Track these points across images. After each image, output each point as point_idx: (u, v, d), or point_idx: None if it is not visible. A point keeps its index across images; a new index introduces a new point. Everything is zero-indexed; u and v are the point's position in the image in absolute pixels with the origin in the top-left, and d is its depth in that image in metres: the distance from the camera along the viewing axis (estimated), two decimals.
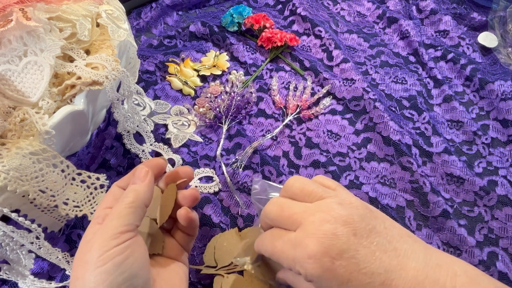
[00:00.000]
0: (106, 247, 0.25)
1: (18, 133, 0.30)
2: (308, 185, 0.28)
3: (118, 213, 0.27)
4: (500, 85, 0.49)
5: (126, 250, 0.26)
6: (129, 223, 0.27)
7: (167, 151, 0.44)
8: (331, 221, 0.25)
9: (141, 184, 0.29)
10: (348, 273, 0.24)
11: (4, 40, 0.31)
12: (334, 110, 0.50)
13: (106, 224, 0.27)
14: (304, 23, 0.59)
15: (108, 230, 0.26)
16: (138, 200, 0.28)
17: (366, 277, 0.24)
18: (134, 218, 0.27)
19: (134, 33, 0.59)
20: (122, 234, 0.26)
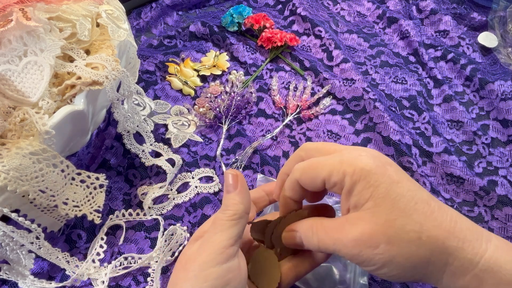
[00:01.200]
0: (211, 262, 0.25)
1: (18, 133, 0.30)
2: (325, 143, 0.28)
3: (221, 226, 0.26)
4: (500, 85, 0.49)
5: (227, 274, 0.25)
6: (233, 236, 0.26)
7: (167, 151, 0.44)
8: (366, 150, 0.25)
9: (236, 192, 0.28)
10: (398, 176, 0.23)
11: (4, 40, 0.31)
12: (334, 110, 0.50)
13: (210, 237, 0.26)
14: (304, 23, 0.59)
15: (213, 244, 0.25)
16: (239, 211, 0.27)
17: (414, 185, 0.24)
18: (237, 230, 0.26)
19: (134, 33, 0.59)
20: (227, 249, 0.25)
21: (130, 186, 0.44)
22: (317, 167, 0.26)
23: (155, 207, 0.42)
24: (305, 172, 0.26)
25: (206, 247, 0.26)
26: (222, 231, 0.26)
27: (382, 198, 0.23)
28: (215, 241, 0.26)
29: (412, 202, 0.23)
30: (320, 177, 0.25)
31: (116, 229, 0.41)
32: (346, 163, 0.24)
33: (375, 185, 0.23)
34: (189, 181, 0.44)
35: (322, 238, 0.25)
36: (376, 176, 0.23)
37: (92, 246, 0.39)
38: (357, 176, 0.23)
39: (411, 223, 0.22)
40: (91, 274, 0.37)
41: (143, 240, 0.40)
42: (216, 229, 0.26)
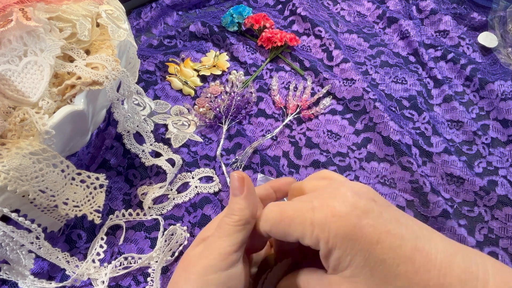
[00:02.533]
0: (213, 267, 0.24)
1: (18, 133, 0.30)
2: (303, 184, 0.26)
3: (226, 231, 0.25)
4: (500, 85, 0.49)
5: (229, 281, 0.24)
6: (237, 242, 0.25)
7: (167, 151, 0.44)
8: (349, 188, 0.23)
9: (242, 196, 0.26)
10: (377, 233, 0.21)
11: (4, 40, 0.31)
12: (334, 110, 0.50)
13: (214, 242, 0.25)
14: (304, 23, 0.59)
15: (217, 249, 0.25)
16: (245, 217, 0.26)
17: (396, 239, 0.21)
18: (242, 236, 0.25)
19: (134, 33, 0.59)
20: (230, 255, 0.24)
21: (130, 186, 0.44)
22: (289, 225, 0.23)
23: (155, 207, 0.42)
24: (275, 227, 0.24)
25: (210, 251, 0.25)
26: (227, 236, 0.25)
27: (360, 268, 0.21)
28: (219, 246, 0.25)
29: (393, 265, 0.21)
30: (293, 236, 0.23)
31: (116, 229, 0.41)
32: (318, 226, 0.22)
33: (352, 254, 0.21)
34: (189, 181, 0.44)
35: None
36: (351, 242, 0.21)
37: (92, 246, 0.39)
38: (332, 244, 0.22)
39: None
40: (91, 274, 0.37)
41: (143, 240, 0.40)
42: (220, 234, 0.25)
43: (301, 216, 0.23)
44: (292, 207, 0.24)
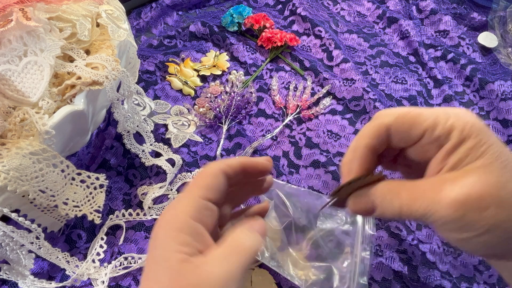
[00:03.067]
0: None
1: (18, 133, 0.30)
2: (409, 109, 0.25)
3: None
4: (500, 85, 0.49)
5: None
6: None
7: (167, 151, 0.44)
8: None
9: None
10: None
11: (4, 40, 0.31)
12: (334, 110, 0.50)
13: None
14: (304, 23, 0.59)
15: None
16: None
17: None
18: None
19: (134, 33, 0.59)
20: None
21: (130, 186, 0.44)
22: (418, 115, 0.23)
23: (155, 207, 0.42)
24: (402, 117, 0.23)
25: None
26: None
27: (495, 158, 0.21)
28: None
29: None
30: (422, 126, 0.22)
31: (116, 229, 0.41)
32: (454, 116, 0.22)
33: (489, 144, 0.21)
34: (189, 181, 0.44)
35: (408, 200, 0.22)
36: (488, 133, 0.21)
37: (92, 246, 0.39)
38: (467, 132, 0.21)
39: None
40: (91, 274, 0.37)
41: (143, 240, 0.40)
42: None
43: (431, 109, 0.22)
44: (417, 109, 0.23)
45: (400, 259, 0.38)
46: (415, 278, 0.37)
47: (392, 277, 0.37)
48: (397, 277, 0.37)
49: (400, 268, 0.38)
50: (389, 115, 0.24)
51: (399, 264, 0.38)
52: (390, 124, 0.24)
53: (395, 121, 0.23)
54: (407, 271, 0.37)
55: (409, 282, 0.37)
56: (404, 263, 0.38)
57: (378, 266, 0.38)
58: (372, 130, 0.24)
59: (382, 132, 0.24)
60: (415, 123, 0.23)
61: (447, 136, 0.22)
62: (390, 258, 0.38)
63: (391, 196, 0.23)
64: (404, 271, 0.37)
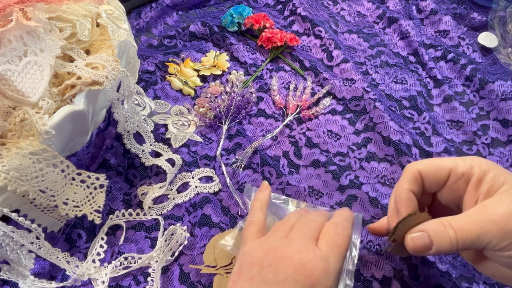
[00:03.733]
0: None
1: (18, 133, 0.30)
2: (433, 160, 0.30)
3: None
4: (500, 85, 0.49)
5: None
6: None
7: (167, 151, 0.44)
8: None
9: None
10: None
11: (4, 40, 0.31)
12: (334, 110, 0.50)
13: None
14: (304, 23, 0.59)
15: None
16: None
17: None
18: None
19: (134, 33, 0.59)
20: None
21: (130, 186, 0.44)
22: (441, 160, 0.28)
23: (155, 207, 0.42)
24: (429, 163, 0.28)
25: None
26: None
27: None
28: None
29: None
30: (446, 168, 0.27)
31: (116, 229, 0.41)
32: (468, 158, 0.27)
33: (504, 173, 0.26)
34: (189, 181, 0.44)
35: (461, 227, 0.25)
36: (497, 166, 0.26)
37: (92, 246, 0.39)
38: (485, 166, 0.26)
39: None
40: (91, 274, 0.37)
41: (143, 240, 0.40)
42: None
43: (450, 158, 0.28)
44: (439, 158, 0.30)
45: (400, 258, 0.38)
46: (416, 277, 0.37)
47: (393, 276, 0.37)
48: (398, 275, 0.37)
49: (400, 267, 0.38)
50: (418, 163, 0.29)
51: (399, 263, 0.38)
52: (420, 169, 0.29)
53: (424, 167, 0.29)
54: (407, 270, 0.37)
55: (410, 281, 0.37)
56: (404, 262, 0.38)
57: (379, 265, 0.38)
58: (408, 176, 0.29)
59: (417, 176, 0.29)
60: (440, 166, 0.28)
61: (470, 172, 0.26)
62: (390, 257, 0.38)
63: (444, 227, 0.26)
64: (404, 270, 0.37)
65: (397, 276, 0.37)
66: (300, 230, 0.30)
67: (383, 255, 0.38)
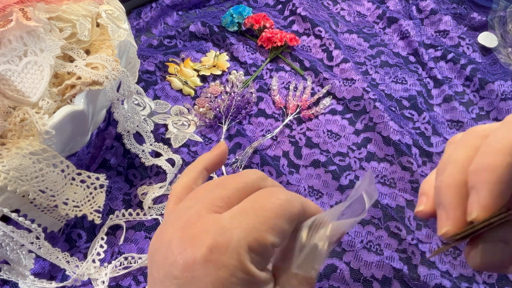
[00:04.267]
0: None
1: (18, 133, 0.30)
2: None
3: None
4: (500, 85, 0.49)
5: None
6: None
7: (167, 151, 0.44)
8: None
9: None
10: None
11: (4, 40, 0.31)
12: (334, 110, 0.50)
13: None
14: (304, 23, 0.59)
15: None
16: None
17: None
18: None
19: (134, 33, 0.59)
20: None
21: (130, 186, 0.44)
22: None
23: (155, 207, 0.42)
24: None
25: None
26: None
27: None
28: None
29: None
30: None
31: (116, 229, 0.41)
32: None
33: None
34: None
35: None
36: None
37: (92, 246, 0.39)
38: None
39: None
40: (91, 274, 0.37)
41: (143, 240, 0.40)
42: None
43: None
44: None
45: (400, 258, 0.38)
46: (416, 277, 0.37)
47: (393, 276, 0.37)
48: (398, 275, 0.37)
49: (400, 266, 0.38)
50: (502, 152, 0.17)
51: (399, 263, 0.38)
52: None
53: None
54: (407, 270, 0.37)
55: (410, 281, 0.37)
56: (404, 263, 0.38)
57: (379, 265, 0.38)
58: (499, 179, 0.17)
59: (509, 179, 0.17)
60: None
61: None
62: (390, 257, 0.38)
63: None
64: (404, 270, 0.37)
65: (397, 276, 0.37)
66: (201, 196, 0.20)
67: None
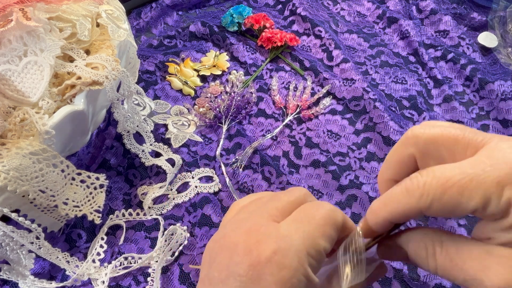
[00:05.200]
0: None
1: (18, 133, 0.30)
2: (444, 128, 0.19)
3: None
4: (500, 85, 0.49)
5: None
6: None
7: (167, 151, 0.44)
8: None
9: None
10: None
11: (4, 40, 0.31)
12: (334, 110, 0.50)
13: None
14: (304, 23, 0.59)
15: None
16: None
17: None
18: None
19: (134, 33, 0.59)
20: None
21: (130, 186, 0.44)
22: (460, 192, 0.17)
23: (155, 207, 0.42)
24: (439, 201, 0.18)
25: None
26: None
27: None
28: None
29: None
30: (469, 206, 0.17)
31: (116, 229, 0.41)
32: (506, 182, 0.16)
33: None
34: (189, 181, 0.44)
35: (446, 267, 0.19)
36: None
37: (92, 246, 0.39)
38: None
39: None
40: (91, 274, 0.37)
41: (143, 240, 0.40)
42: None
43: (477, 178, 0.17)
44: (454, 170, 0.17)
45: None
46: (416, 277, 0.37)
47: (393, 276, 0.37)
48: (398, 275, 0.37)
49: (400, 266, 0.38)
50: (424, 196, 0.18)
51: (399, 263, 0.38)
52: (427, 207, 0.18)
53: (431, 203, 0.18)
54: (407, 270, 0.37)
55: (410, 281, 0.37)
56: (404, 263, 0.38)
57: None
58: (401, 210, 0.20)
59: (415, 214, 0.19)
60: (457, 205, 0.17)
61: (506, 212, 0.17)
62: None
63: (426, 255, 0.20)
64: (404, 270, 0.37)
65: (397, 276, 0.37)
66: (259, 208, 0.22)
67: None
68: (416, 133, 0.20)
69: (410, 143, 0.20)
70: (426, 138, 0.19)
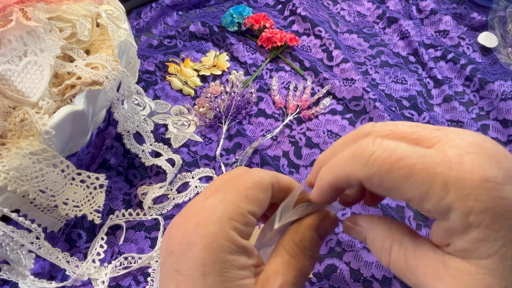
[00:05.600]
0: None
1: (18, 133, 0.30)
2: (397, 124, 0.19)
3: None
4: (500, 85, 0.49)
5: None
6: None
7: (167, 151, 0.44)
8: (480, 138, 0.17)
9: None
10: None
11: (4, 40, 0.31)
12: (334, 110, 0.50)
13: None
14: (304, 23, 0.59)
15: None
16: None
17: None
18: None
19: (134, 33, 0.59)
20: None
21: (130, 186, 0.44)
22: (406, 177, 0.16)
23: (155, 207, 0.42)
24: (381, 176, 0.17)
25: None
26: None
27: (502, 260, 0.15)
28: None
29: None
30: (406, 194, 0.17)
31: (116, 229, 0.41)
32: (456, 191, 0.15)
33: (500, 239, 0.15)
34: (189, 181, 0.44)
35: (399, 266, 0.19)
36: (501, 222, 0.15)
37: (92, 246, 0.39)
38: (474, 220, 0.15)
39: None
40: (91, 274, 0.37)
41: (143, 240, 0.40)
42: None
43: (428, 169, 0.16)
44: (414, 153, 0.17)
45: None
46: None
47: (393, 276, 0.37)
48: None
49: None
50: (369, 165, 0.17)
51: None
52: (368, 177, 0.18)
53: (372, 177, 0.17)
54: None
55: None
56: None
57: (379, 265, 0.38)
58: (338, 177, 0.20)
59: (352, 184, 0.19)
60: (396, 188, 0.17)
61: (442, 215, 0.16)
62: None
63: (381, 247, 0.20)
64: None
65: None
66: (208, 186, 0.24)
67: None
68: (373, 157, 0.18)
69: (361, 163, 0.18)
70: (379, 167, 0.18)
